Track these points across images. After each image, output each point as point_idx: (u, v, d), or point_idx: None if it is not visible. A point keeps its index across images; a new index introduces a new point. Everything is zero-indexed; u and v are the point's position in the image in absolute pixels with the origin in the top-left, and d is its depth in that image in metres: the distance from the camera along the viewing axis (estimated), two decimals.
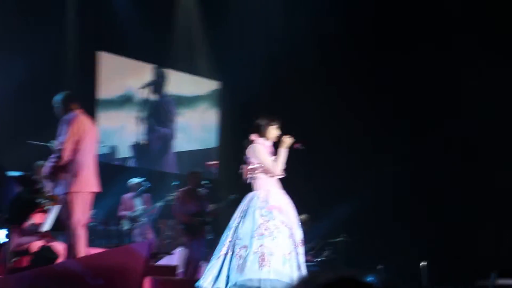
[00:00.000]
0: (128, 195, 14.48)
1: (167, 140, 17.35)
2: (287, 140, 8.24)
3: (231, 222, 8.14)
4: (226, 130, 17.91)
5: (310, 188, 15.50)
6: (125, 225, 13.86)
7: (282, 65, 16.68)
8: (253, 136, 8.35)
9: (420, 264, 12.10)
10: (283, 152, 8.21)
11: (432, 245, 14.11)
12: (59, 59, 15.37)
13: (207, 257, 14.41)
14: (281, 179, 8.18)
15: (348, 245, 14.03)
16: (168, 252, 13.48)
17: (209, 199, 13.10)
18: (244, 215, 7.98)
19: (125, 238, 12.06)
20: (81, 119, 8.99)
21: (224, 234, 8.12)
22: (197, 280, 7.90)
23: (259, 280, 7.59)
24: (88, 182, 8.81)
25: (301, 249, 7.98)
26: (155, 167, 16.95)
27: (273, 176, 8.17)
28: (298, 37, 16.46)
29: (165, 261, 12.86)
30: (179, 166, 17.19)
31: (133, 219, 14.28)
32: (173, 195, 14.31)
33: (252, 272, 7.62)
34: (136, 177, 14.65)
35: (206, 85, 18.17)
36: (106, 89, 16.42)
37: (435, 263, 12.53)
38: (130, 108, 16.79)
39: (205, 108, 18.09)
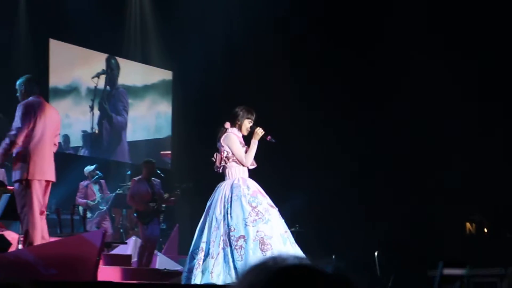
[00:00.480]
0: (85, 182, 14.43)
1: (120, 129, 17.22)
2: (259, 132, 8.26)
3: (211, 212, 8.09)
4: (179, 119, 17.82)
5: (263, 178, 15.51)
6: (88, 213, 13.78)
7: (234, 53, 16.63)
8: (227, 124, 8.36)
9: (374, 255, 12.19)
10: (254, 144, 8.26)
11: (385, 235, 14.21)
12: (10, 47, 15.19)
13: (161, 246, 14.40)
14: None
15: (300, 236, 14.07)
16: (122, 242, 13.42)
17: (162, 188, 13.06)
18: (229, 205, 7.95)
19: (79, 227, 11.94)
20: (40, 105, 8.77)
21: (210, 225, 8.04)
22: (151, 269, 7.87)
23: None
24: (43, 170, 8.63)
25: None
26: (108, 156, 16.84)
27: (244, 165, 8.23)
28: (251, 24, 16.41)
29: (119, 250, 12.79)
30: (133, 155, 17.09)
31: (93, 207, 14.23)
32: (127, 185, 14.28)
33: (256, 260, 7.58)
34: (89, 165, 14.59)
35: (159, 75, 18.06)
36: (58, 77, 16.25)
37: (388, 253, 12.63)
38: (82, 97, 16.63)
39: (158, 98, 17.98)
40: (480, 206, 15.19)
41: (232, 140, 8.25)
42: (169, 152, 17.74)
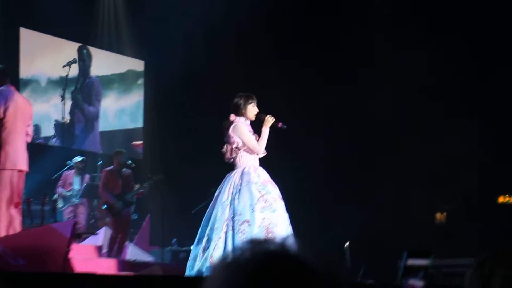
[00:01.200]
0: (70, 173, 14.41)
1: (92, 119, 17.13)
2: (270, 120, 8.28)
3: (219, 199, 8.09)
4: (151, 110, 17.74)
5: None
6: (60, 203, 13.75)
7: (206, 42, 16.58)
8: (232, 117, 8.34)
9: (344, 246, 12.21)
10: (266, 131, 8.27)
11: (356, 226, 14.24)
12: None
13: (132, 236, 14.36)
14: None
15: None
16: (93, 232, 13.37)
17: (134, 179, 13.03)
18: (238, 191, 7.95)
19: (48, 218, 11.88)
20: (11, 94, 8.71)
21: (215, 213, 8.03)
22: (122, 259, 7.84)
23: None
24: (14, 160, 8.57)
25: None
26: (80, 146, 16.73)
27: (255, 154, 8.25)
28: (231, 15, 16.37)
29: (89, 241, 12.74)
30: (105, 145, 17.01)
31: (66, 198, 14.19)
32: (98, 175, 14.23)
33: (231, 249, 7.60)
34: (76, 156, 14.63)
35: (131, 64, 17.95)
36: (29, 67, 16.12)
37: (359, 244, 12.67)
38: (53, 86, 16.50)
39: (130, 88, 17.89)
40: (451, 196, 15.29)
41: (241, 129, 8.25)
42: (141, 142, 17.67)
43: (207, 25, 16.65)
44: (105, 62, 17.49)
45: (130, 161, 13.27)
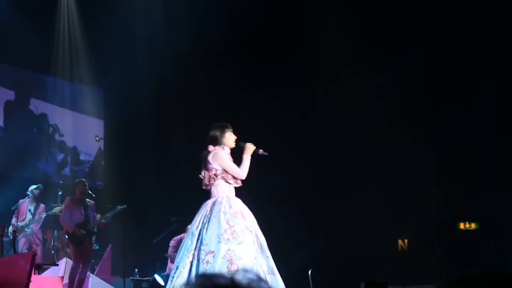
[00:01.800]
0: (25, 202, 14.24)
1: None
2: (251, 147, 8.28)
3: (191, 228, 8.07)
4: (110, 139, 17.64)
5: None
6: (10, 234, 13.58)
7: (166, 70, 16.53)
8: (211, 148, 8.31)
9: (308, 272, 12.22)
10: (247, 158, 8.26)
11: (318, 253, 14.27)
12: None
13: (94, 267, 14.24)
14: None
15: None
16: (54, 263, 13.23)
17: (95, 209, 12.94)
18: (207, 221, 7.92)
19: (8, 249, 11.74)
20: None
21: (185, 242, 8.03)
22: None
23: None
24: None
25: (269, 253, 8.07)
26: (39, 175, 16.57)
27: (232, 184, 8.21)
28: (182, 40, 16.38)
29: (50, 272, 12.60)
30: (64, 175, 16.87)
31: (19, 228, 14.00)
32: (58, 205, 14.10)
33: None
34: (32, 184, 14.45)
35: (90, 94, 17.84)
36: None
37: (322, 271, 12.68)
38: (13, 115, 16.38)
39: (88, 116, 17.75)
40: (411, 224, 15.38)
41: (221, 157, 8.21)
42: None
43: (167, 50, 16.63)
44: (62, 92, 17.32)
45: (90, 192, 13.16)
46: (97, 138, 17.62)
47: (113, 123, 17.61)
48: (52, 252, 14.58)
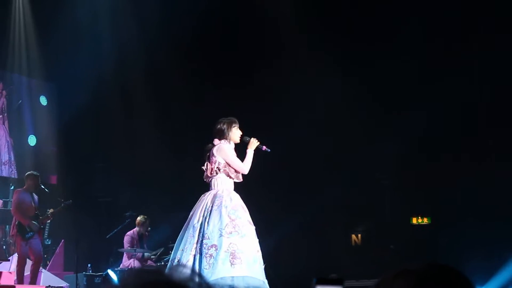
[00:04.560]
0: None
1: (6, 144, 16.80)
2: (255, 142, 8.32)
3: (192, 221, 8.06)
4: (63, 133, 17.40)
5: (154, 193, 15.50)
6: None
7: (117, 63, 16.42)
8: (216, 141, 8.30)
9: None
10: (251, 153, 8.32)
11: (273, 249, 14.29)
12: None
13: (46, 262, 14.10)
14: None
15: None
16: (5, 259, 13.08)
17: (46, 202, 12.81)
18: (208, 214, 7.92)
19: None
20: None
21: (186, 234, 7.98)
22: (36, 286, 7.69)
23: (232, 278, 7.58)
24: None
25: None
26: None
27: (233, 178, 8.26)
28: (130, 41, 16.32)
29: (1, 267, 12.45)
30: (16, 169, 16.68)
31: None
32: (10, 200, 13.93)
33: (224, 271, 7.62)
34: None
35: (43, 88, 17.65)
36: None
37: (276, 267, 12.71)
38: None
39: (42, 110, 17.55)
40: (365, 218, 15.48)
41: (226, 150, 8.26)
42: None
43: (118, 46, 16.53)
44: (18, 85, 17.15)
45: (42, 186, 13.00)
46: None
47: (64, 116, 17.40)
48: (4, 247, 14.42)
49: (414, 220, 15.42)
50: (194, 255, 7.84)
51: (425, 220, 15.40)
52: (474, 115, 14.90)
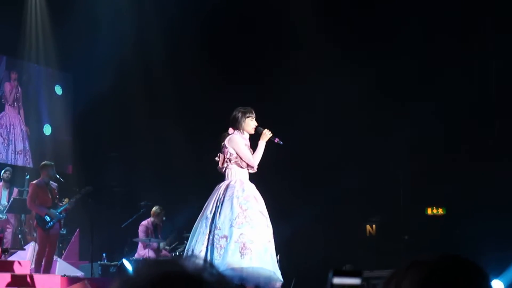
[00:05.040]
0: None
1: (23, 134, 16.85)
2: (267, 134, 8.26)
3: (205, 212, 8.07)
4: (79, 123, 17.44)
5: (166, 182, 15.51)
6: None
7: (136, 53, 16.45)
8: (231, 130, 8.31)
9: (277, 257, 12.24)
10: (262, 145, 8.26)
11: (287, 239, 14.29)
12: None
13: (62, 251, 14.16)
14: None
15: None
16: (21, 247, 13.13)
17: (60, 193, 12.82)
18: (220, 204, 7.92)
19: None
20: None
21: (200, 225, 8.01)
22: (51, 275, 7.71)
23: (242, 269, 7.58)
24: None
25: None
26: (6, 160, 16.43)
27: (247, 168, 8.23)
28: (148, 34, 16.33)
29: (17, 256, 12.50)
30: (32, 159, 16.74)
31: None
32: (25, 189, 13.97)
33: (234, 261, 7.61)
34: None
35: (58, 77, 17.68)
36: None
37: (290, 256, 12.72)
38: None
39: (57, 99, 17.58)
40: (380, 209, 15.45)
41: (237, 141, 8.22)
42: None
43: (135, 35, 16.55)
44: (32, 75, 17.18)
45: (57, 175, 13.00)
46: None
47: (81, 108, 17.44)
48: (19, 236, 14.48)
49: (429, 211, 15.37)
50: (207, 246, 7.84)
51: (440, 211, 15.35)
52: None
